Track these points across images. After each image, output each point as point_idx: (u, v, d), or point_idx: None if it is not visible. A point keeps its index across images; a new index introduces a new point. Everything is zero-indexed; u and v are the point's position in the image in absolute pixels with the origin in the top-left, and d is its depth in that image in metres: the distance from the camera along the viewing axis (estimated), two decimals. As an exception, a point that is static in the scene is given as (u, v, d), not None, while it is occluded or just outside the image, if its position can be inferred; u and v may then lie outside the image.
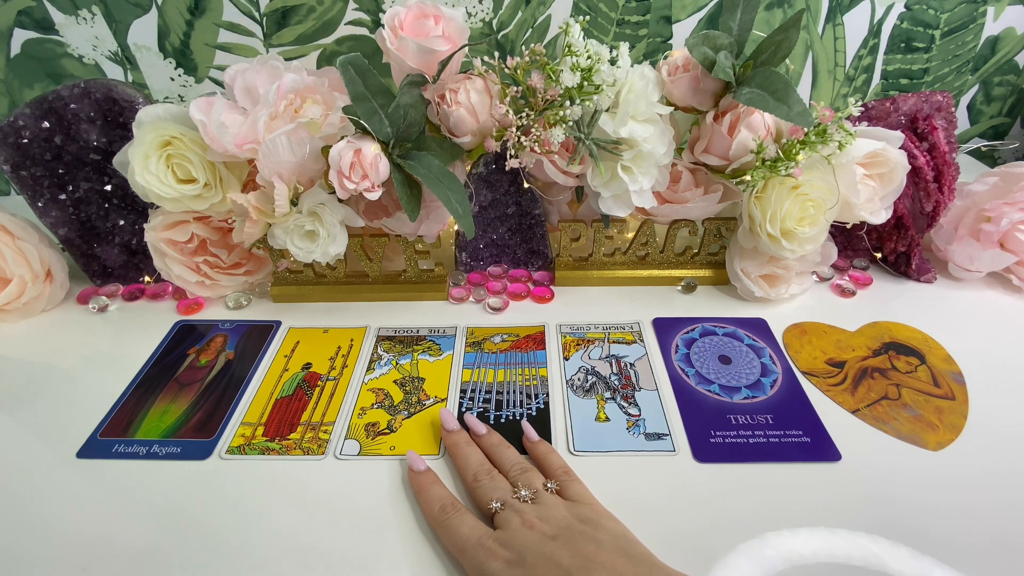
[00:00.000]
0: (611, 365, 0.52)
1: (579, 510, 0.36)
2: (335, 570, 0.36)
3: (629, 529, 0.36)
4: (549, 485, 0.38)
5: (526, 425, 0.44)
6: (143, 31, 0.75)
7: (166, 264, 0.56)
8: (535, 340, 0.54)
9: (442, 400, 0.48)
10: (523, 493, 0.37)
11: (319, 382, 0.50)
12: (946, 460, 0.43)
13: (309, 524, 0.39)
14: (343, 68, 0.45)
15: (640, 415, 0.47)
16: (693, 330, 0.56)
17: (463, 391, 0.49)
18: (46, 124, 0.54)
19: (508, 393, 0.49)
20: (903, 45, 0.83)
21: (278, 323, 0.57)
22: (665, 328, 0.56)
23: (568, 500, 0.38)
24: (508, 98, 0.49)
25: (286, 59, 0.56)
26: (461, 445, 0.42)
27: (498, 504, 0.37)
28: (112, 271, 0.62)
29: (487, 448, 0.42)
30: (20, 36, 0.74)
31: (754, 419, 0.46)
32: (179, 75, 0.78)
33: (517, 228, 0.61)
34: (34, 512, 0.40)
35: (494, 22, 0.77)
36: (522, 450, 0.43)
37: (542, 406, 0.48)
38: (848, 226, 0.57)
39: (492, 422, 0.46)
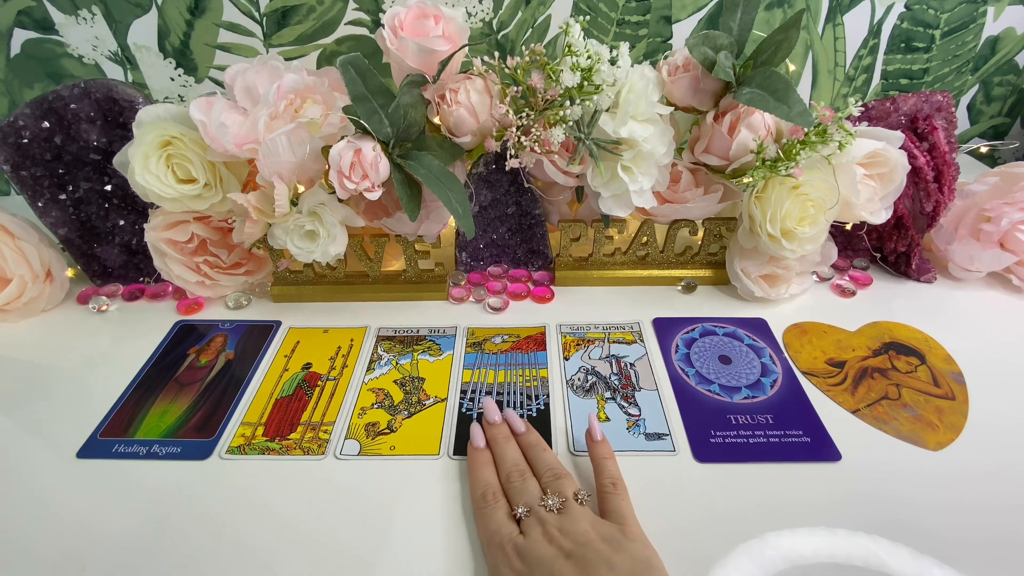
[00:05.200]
0: (611, 365, 0.52)
1: (604, 528, 0.35)
2: (335, 570, 0.36)
3: (657, 555, 0.34)
4: (580, 495, 0.37)
5: (592, 419, 0.43)
6: (143, 31, 0.75)
7: (166, 264, 0.56)
8: (536, 341, 0.54)
9: (442, 400, 0.48)
10: (551, 502, 0.37)
11: (319, 382, 0.50)
12: (946, 460, 0.43)
13: (309, 524, 0.39)
14: (343, 68, 0.45)
15: (640, 415, 0.47)
16: (693, 330, 0.56)
17: (463, 391, 0.49)
18: (46, 124, 0.54)
19: (509, 394, 0.49)
20: (903, 45, 0.83)
21: (278, 323, 0.57)
22: (665, 328, 0.56)
23: (604, 514, 0.37)
24: (508, 98, 0.49)
25: (286, 59, 0.56)
26: (500, 440, 0.42)
27: (524, 510, 0.37)
28: (112, 271, 0.62)
29: (524, 447, 0.42)
30: (20, 36, 0.74)
31: (754, 419, 0.46)
32: (179, 75, 0.78)
33: (517, 228, 0.61)
34: (34, 511, 0.40)
35: (494, 22, 0.77)
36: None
37: (543, 407, 0.47)
38: (848, 226, 0.57)
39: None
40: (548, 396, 0.48)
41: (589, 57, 0.45)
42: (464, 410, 0.47)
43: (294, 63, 0.52)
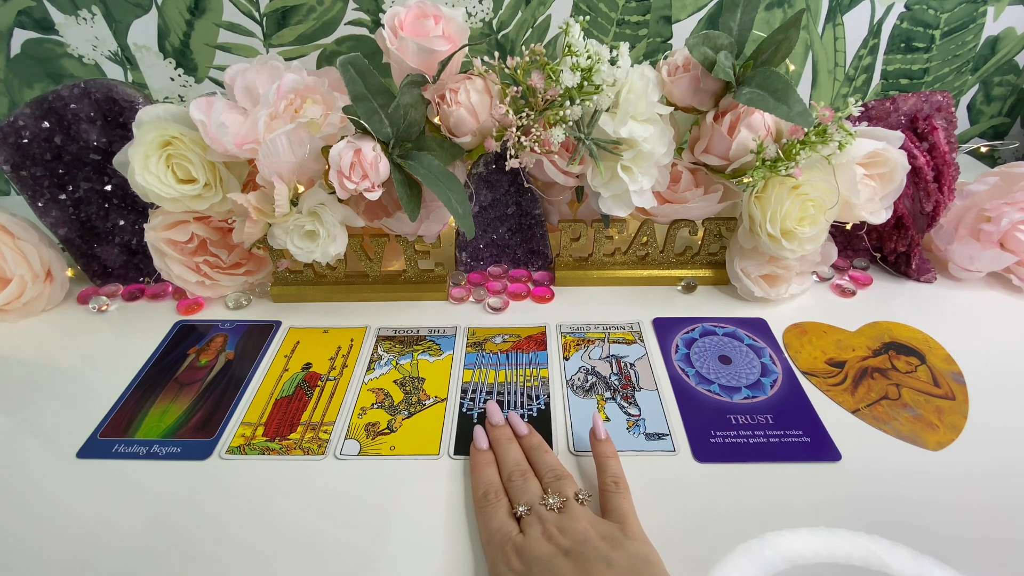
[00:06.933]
0: (611, 365, 0.52)
1: (604, 527, 0.35)
2: (334, 570, 0.36)
3: (656, 553, 0.34)
4: (581, 495, 0.37)
5: (597, 418, 0.43)
6: (143, 31, 0.75)
7: (166, 264, 0.56)
8: (536, 341, 0.54)
9: (442, 400, 0.48)
10: (551, 501, 0.37)
11: (319, 382, 0.50)
12: (946, 460, 0.43)
13: (309, 524, 0.39)
14: (343, 68, 0.45)
15: (640, 415, 0.47)
16: (693, 330, 0.56)
17: (464, 391, 0.49)
18: (46, 124, 0.54)
19: (509, 394, 0.49)
20: (903, 45, 0.83)
21: (278, 323, 0.57)
22: (665, 328, 0.56)
23: (605, 512, 0.37)
24: (508, 98, 0.49)
25: (286, 59, 0.56)
26: (503, 441, 0.42)
27: (524, 508, 0.37)
28: (112, 271, 0.62)
29: (526, 449, 0.42)
30: (20, 36, 0.74)
31: (754, 419, 0.46)
32: (179, 75, 0.78)
33: (517, 228, 0.61)
34: (34, 512, 0.40)
35: (494, 22, 0.77)
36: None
37: (543, 407, 0.47)
38: (848, 226, 0.57)
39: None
40: (548, 396, 0.48)
41: (589, 57, 0.45)
42: (465, 410, 0.47)
43: (294, 63, 0.52)
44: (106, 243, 0.60)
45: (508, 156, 0.50)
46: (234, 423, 0.46)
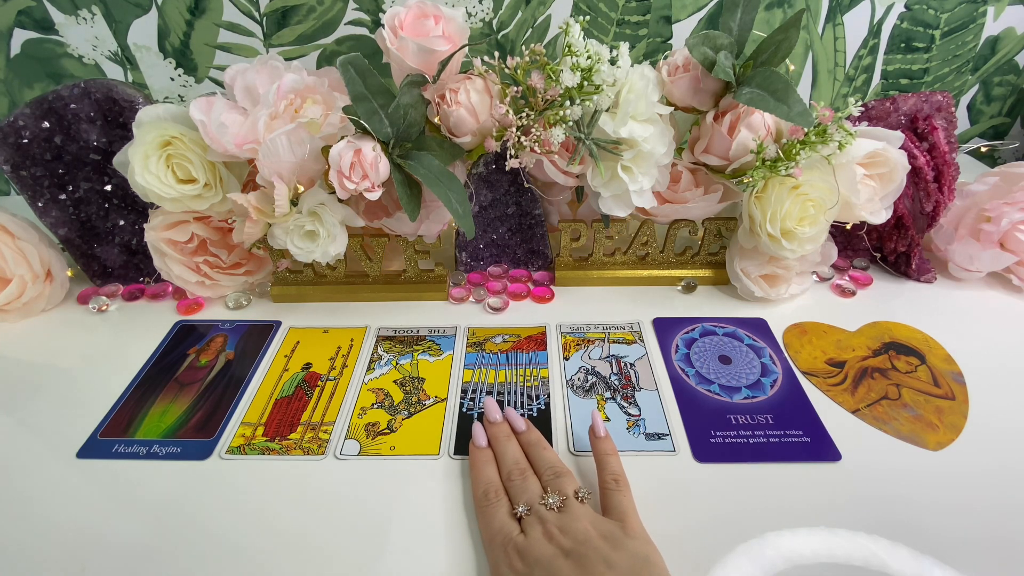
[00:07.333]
0: (611, 365, 0.52)
1: (604, 526, 0.35)
2: (335, 570, 0.36)
3: (657, 552, 0.34)
4: (581, 493, 0.37)
5: (596, 415, 0.42)
6: (143, 31, 0.75)
7: (166, 264, 0.56)
8: (536, 341, 0.54)
9: (442, 400, 0.48)
10: (551, 500, 0.37)
11: (319, 382, 0.50)
12: (946, 460, 0.43)
13: (309, 524, 0.39)
14: (343, 68, 0.45)
15: (640, 415, 0.47)
16: (693, 330, 0.56)
17: (464, 391, 0.49)
18: (46, 124, 0.54)
19: (509, 394, 0.49)
20: (903, 45, 0.83)
21: (278, 323, 0.57)
22: (665, 328, 0.56)
23: (605, 510, 0.37)
24: (508, 98, 0.49)
25: (286, 59, 0.55)
26: (501, 439, 0.42)
27: (524, 509, 0.37)
28: (112, 271, 0.62)
29: (524, 445, 0.42)
30: (20, 36, 0.74)
31: (754, 419, 0.46)
32: (179, 75, 0.78)
33: (517, 228, 0.61)
34: (34, 512, 0.40)
35: (494, 22, 0.77)
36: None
37: (543, 407, 0.47)
38: (848, 226, 0.57)
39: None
40: (548, 396, 0.48)
41: (589, 57, 0.45)
42: (465, 410, 0.47)
43: (294, 63, 0.52)
44: (106, 243, 0.60)
45: (508, 156, 0.50)
46: (234, 423, 0.46)
